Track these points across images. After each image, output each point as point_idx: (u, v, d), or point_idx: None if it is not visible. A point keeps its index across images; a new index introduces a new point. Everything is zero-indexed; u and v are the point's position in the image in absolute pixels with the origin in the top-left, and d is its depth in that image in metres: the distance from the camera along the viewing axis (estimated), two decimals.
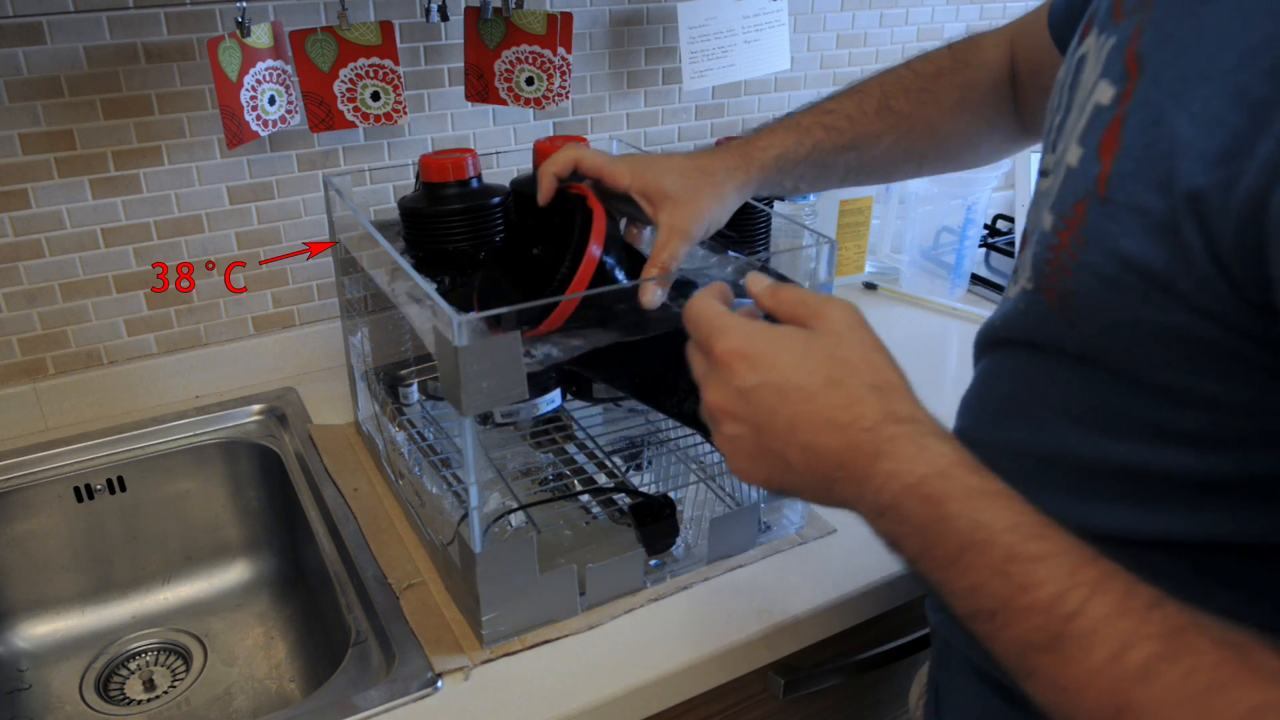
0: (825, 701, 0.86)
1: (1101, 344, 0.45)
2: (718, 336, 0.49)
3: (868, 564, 0.78)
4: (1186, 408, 0.43)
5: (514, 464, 0.88)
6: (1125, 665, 0.36)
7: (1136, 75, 0.41)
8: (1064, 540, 0.39)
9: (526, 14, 0.99)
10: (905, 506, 0.42)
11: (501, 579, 0.68)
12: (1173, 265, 0.39)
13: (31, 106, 0.88)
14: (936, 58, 0.75)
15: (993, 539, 0.40)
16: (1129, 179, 0.41)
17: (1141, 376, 0.44)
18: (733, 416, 0.48)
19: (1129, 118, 0.41)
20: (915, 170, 0.78)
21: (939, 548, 0.41)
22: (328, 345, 1.09)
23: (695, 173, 0.67)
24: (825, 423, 0.45)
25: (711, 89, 1.23)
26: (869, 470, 0.44)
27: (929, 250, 1.37)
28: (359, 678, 0.69)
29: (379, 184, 1.07)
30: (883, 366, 0.47)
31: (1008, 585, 0.39)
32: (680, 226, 0.65)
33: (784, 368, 0.47)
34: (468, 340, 0.59)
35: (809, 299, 0.50)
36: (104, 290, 0.98)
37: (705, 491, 0.85)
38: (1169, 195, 0.39)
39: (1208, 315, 0.39)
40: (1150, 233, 0.40)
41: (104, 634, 0.95)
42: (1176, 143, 0.38)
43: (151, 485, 0.96)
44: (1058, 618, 0.37)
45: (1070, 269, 0.45)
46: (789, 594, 0.75)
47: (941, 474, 0.42)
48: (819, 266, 0.73)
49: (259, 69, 0.90)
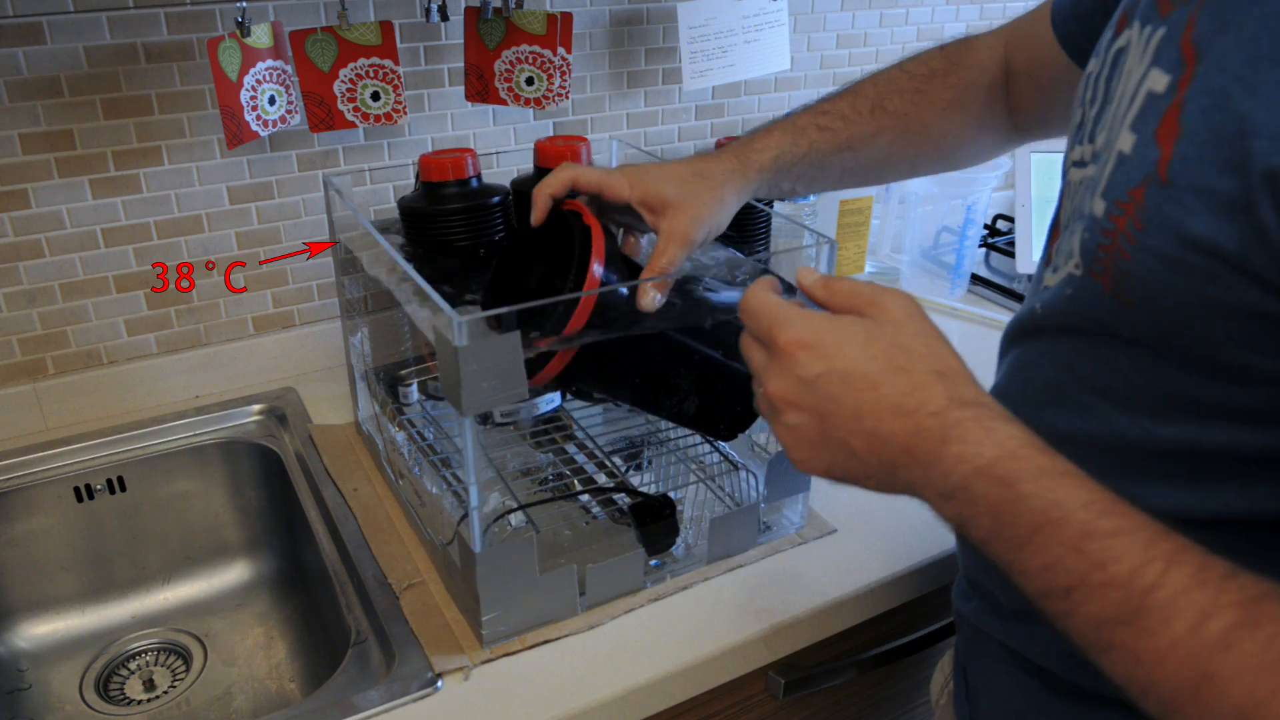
0: (825, 701, 0.86)
1: (1159, 325, 0.46)
2: (780, 327, 0.49)
3: (868, 564, 0.78)
4: (1244, 384, 0.44)
5: (514, 464, 0.88)
6: (1205, 635, 0.36)
7: (1194, 62, 0.42)
8: (1137, 516, 0.40)
9: (526, 14, 0.99)
10: (976, 489, 0.43)
11: (501, 579, 0.68)
12: (1245, 242, 0.40)
13: (31, 106, 0.88)
14: (929, 59, 0.75)
15: (1067, 517, 0.40)
16: (1194, 162, 0.41)
17: (1197, 356, 0.45)
18: (796, 406, 0.49)
19: (1189, 103, 0.42)
20: (909, 170, 0.78)
21: (1011, 528, 0.42)
22: (328, 345, 1.09)
23: (694, 178, 0.67)
24: (891, 409, 0.46)
25: (711, 89, 1.23)
26: (937, 454, 0.44)
27: (929, 250, 1.37)
28: (359, 678, 0.69)
29: (379, 184, 1.07)
30: (944, 353, 0.48)
31: (1084, 561, 0.40)
32: (680, 231, 0.65)
33: (848, 356, 0.47)
34: (468, 340, 0.59)
35: (863, 289, 0.51)
36: (104, 290, 0.98)
37: (705, 491, 0.85)
38: (1242, 175, 0.39)
39: (1278, 291, 0.40)
40: (1220, 212, 0.40)
41: (104, 634, 0.95)
42: (1247, 123, 0.39)
43: (151, 485, 0.96)
44: (1136, 591, 0.38)
45: (1128, 252, 0.45)
46: (789, 594, 0.75)
47: (1012, 455, 0.43)
48: (819, 267, 0.73)
49: (259, 69, 0.90)
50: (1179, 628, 0.37)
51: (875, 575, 0.77)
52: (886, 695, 0.91)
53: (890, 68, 0.76)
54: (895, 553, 0.79)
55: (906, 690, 0.92)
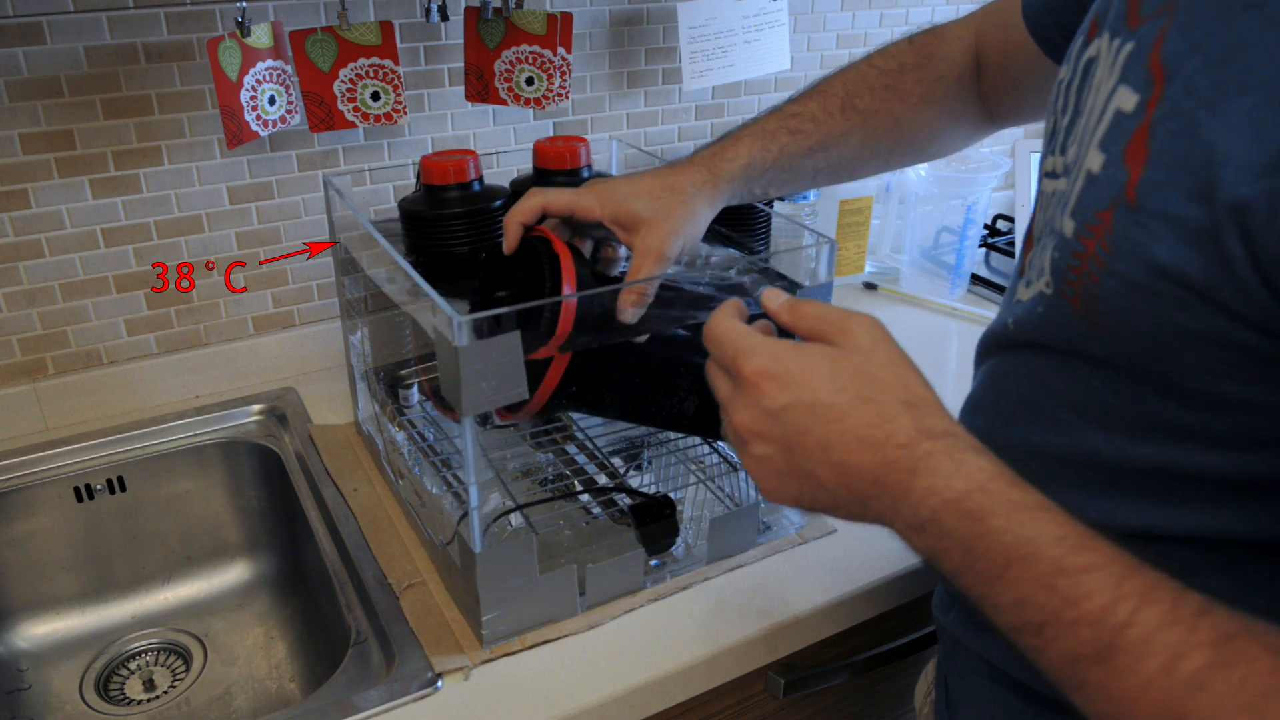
0: (826, 701, 0.86)
1: (1130, 350, 0.45)
2: (744, 357, 0.48)
3: (868, 564, 0.78)
4: (1217, 410, 0.43)
5: (514, 464, 0.88)
6: (1178, 675, 0.36)
7: (1163, 83, 0.41)
8: (1110, 551, 0.39)
9: (526, 14, 0.99)
10: (945, 522, 0.42)
11: (501, 579, 0.68)
12: (1211, 273, 0.39)
13: (31, 106, 0.88)
14: (898, 53, 0.75)
15: (1038, 552, 0.40)
16: (1161, 187, 0.41)
17: (1171, 380, 0.44)
18: (762, 437, 0.48)
19: (1157, 125, 0.41)
20: (883, 165, 0.77)
21: (982, 562, 0.41)
22: (328, 345, 1.09)
23: (665, 192, 0.67)
24: (859, 440, 0.45)
25: (711, 89, 1.23)
26: (906, 486, 0.44)
27: (929, 250, 1.37)
28: (359, 678, 0.69)
29: (379, 184, 1.07)
30: (913, 382, 0.47)
31: (1055, 598, 0.39)
32: (654, 248, 0.65)
33: (814, 387, 0.46)
34: (468, 340, 0.59)
35: (831, 314, 0.50)
36: (104, 290, 0.98)
37: (705, 491, 0.85)
38: (1209, 205, 0.39)
39: (1247, 322, 0.39)
40: (1186, 241, 0.40)
41: (104, 634, 0.95)
42: (1214, 152, 0.38)
43: (151, 485, 0.96)
44: (1108, 629, 0.37)
45: (1098, 276, 0.44)
46: (789, 594, 0.75)
47: (981, 489, 0.42)
48: (819, 266, 0.73)
49: (259, 69, 0.90)
50: (1151, 667, 0.36)
51: (875, 575, 0.77)
52: (886, 695, 0.91)
53: (859, 63, 0.75)
54: (895, 553, 0.79)
55: (906, 690, 0.92)
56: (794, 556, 0.80)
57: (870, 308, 1.26)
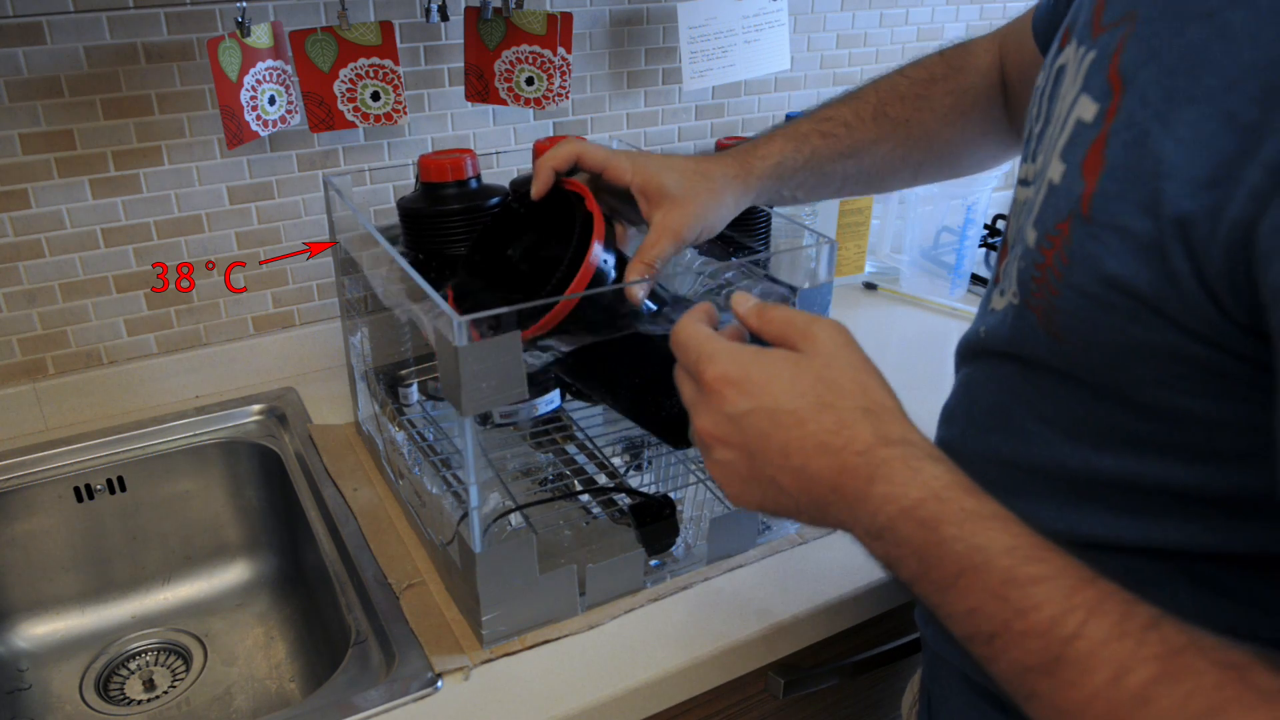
0: (825, 701, 0.86)
1: (1089, 361, 0.45)
2: (706, 363, 0.48)
3: (868, 564, 0.78)
4: (1174, 424, 0.43)
5: (514, 464, 0.88)
6: (1124, 689, 0.36)
7: (1120, 93, 0.41)
8: (1061, 561, 0.39)
9: (526, 14, 0.99)
10: (901, 530, 0.42)
11: (501, 579, 0.68)
12: (1160, 287, 0.39)
13: (31, 106, 0.88)
14: (929, 64, 0.75)
15: (990, 562, 0.40)
16: (1113, 199, 0.41)
17: (1129, 393, 0.44)
18: (724, 443, 0.48)
19: (1113, 136, 0.41)
20: (912, 178, 0.77)
21: (936, 571, 0.41)
22: (328, 345, 1.09)
23: (695, 175, 0.67)
24: (817, 447, 0.45)
25: (711, 89, 1.23)
26: (863, 494, 0.44)
27: (929, 250, 1.37)
28: (359, 678, 0.69)
29: (379, 184, 1.07)
30: (873, 388, 0.47)
31: (1006, 609, 0.39)
32: (673, 227, 0.65)
33: (774, 393, 0.46)
34: (468, 340, 0.59)
35: (796, 319, 0.50)
36: (104, 290, 0.98)
37: (705, 491, 0.85)
38: (1155, 218, 0.39)
39: (1196, 336, 0.39)
40: (1136, 254, 0.40)
41: (104, 634, 0.95)
42: (1162, 164, 0.38)
43: (151, 485, 0.96)
44: (1056, 640, 0.37)
45: (1056, 288, 0.44)
46: (789, 594, 0.75)
47: (936, 497, 0.42)
48: (819, 266, 0.73)
49: (259, 69, 0.90)
50: (1098, 680, 0.36)
51: (875, 575, 0.77)
52: (886, 695, 0.91)
53: (891, 73, 0.75)
54: None
55: (906, 691, 0.92)
56: (794, 556, 0.80)
57: (870, 308, 1.26)
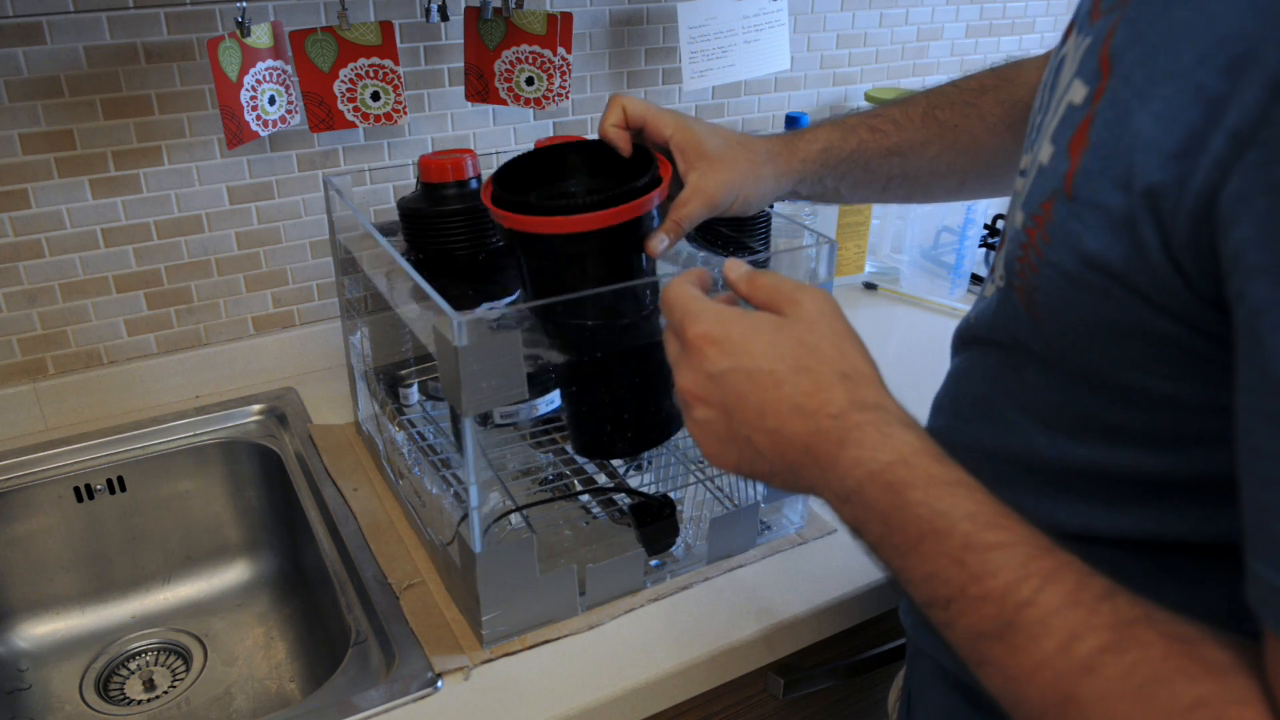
0: (825, 701, 0.86)
1: (1065, 342, 0.45)
2: (690, 321, 0.49)
3: (867, 564, 0.78)
4: (1142, 408, 0.43)
5: (514, 464, 0.88)
6: (1072, 656, 0.36)
7: (1108, 74, 0.42)
8: (1021, 530, 0.40)
9: (526, 14, 0.99)
10: (868, 493, 0.43)
11: (501, 579, 0.68)
12: (1131, 261, 0.39)
13: (31, 106, 0.88)
14: (980, 76, 0.75)
15: (951, 527, 0.40)
16: (1094, 176, 0.41)
17: (1102, 376, 0.44)
18: (703, 401, 0.48)
19: (1097, 117, 0.41)
20: (958, 187, 0.77)
21: (899, 534, 0.42)
22: (328, 345, 1.09)
23: (737, 143, 0.67)
24: (792, 409, 0.46)
25: (711, 89, 1.23)
26: (835, 457, 0.44)
27: (929, 250, 1.37)
28: (359, 678, 0.69)
29: (379, 184, 1.07)
30: (852, 355, 0.48)
31: (963, 573, 0.40)
32: (707, 189, 0.65)
33: (754, 353, 0.47)
34: (468, 340, 0.59)
35: (784, 286, 0.50)
36: (104, 290, 0.98)
37: (705, 491, 0.85)
38: (1128, 192, 0.39)
39: (1165, 311, 0.39)
40: (1111, 230, 0.40)
41: (104, 634, 0.95)
42: (1137, 139, 0.39)
43: (151, 485, 0.96)
44: (1010, 606, 0.38)
45: (1037, 266, 0.45)
46: (789, 594, 0.75)
47: (904, 461, 0.43)
48: (819, 266, 0.73)
49: (259, 69, 0.90)
50: (1048, 647, 0.37)
51: (875, 575, 0.77)
52: (886, 696, 0.91)
53: (943, 84, 0.76)
54: None
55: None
56: (794, 556, 0.80)
57: (870, 308, 1.26)
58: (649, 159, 0.67)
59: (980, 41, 1.44)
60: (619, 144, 0.67)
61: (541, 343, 0.66)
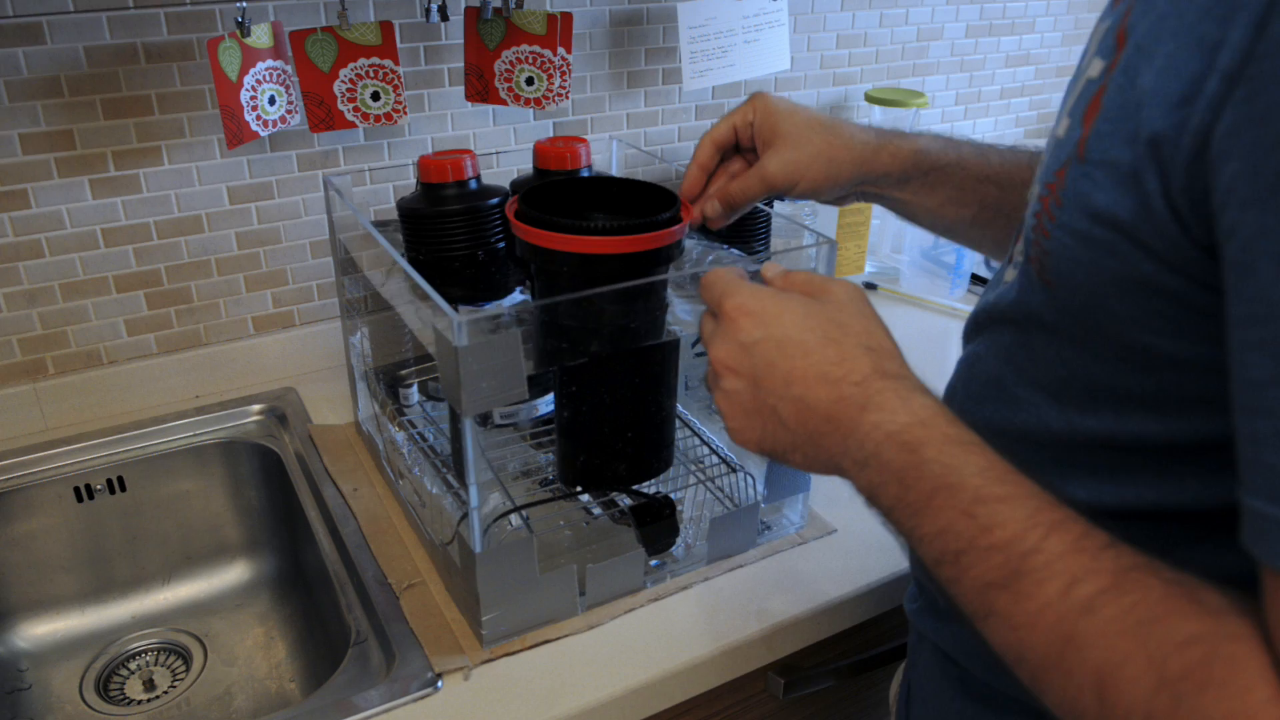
0: (825, 701, 0.86)
1: (1073, 305, 0.46)
2: (728, 295, 0.52)
3: (867, 564, 0.78)
4: (1147, 371, 0.44)
5: (514, 464, 0.88)
6: (1073, 598, 0.37)
7: (1123, 47, 0.42)
8: (1029, 485, 0.42)
9: (526, 14, 0.99)
10: (885, 455, 0.45)
11: (501, 579, 0.68)
12: (1136, 213, 0.40)
13: (31, 106, 0.88)
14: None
15: (963, 482, 0.42)
16: (1105, 137, 0.42)
17: (1109, 339, 0.45)
18: (734, 371, 0.51)
19: (1111, 84, 0.42)
20: None
21: (913, 492, 0.44)
22: (328, 345, 1.09)
23: (819, 126, 0.67)
24: (819, 376, 0.48)
25: (711, 89, 1.23)
26: (856, 421, 0.47)
27: (929, 250, 1.37)
28: (359, 678, 0.69)
29: (379, 184, 1.07)
30: (878, 332, 0.51)
31: (973, 525, 0.41)
32: (766, 168, 0.65)
33: (785, 324, 0.50)
34: (468, 340, 0.59)
35: (816, 278, 0.54)
36: (104, 290, 0.98)
37: (705, 491, 0.85)
38: (1135, 145, 0.40)
39: (1165, 264, 0.40)
40: (1119, 185, 0.41)
41: (104, 634, 0.95)
42: (1144, 95, 0.39)
43: (151, 485, 0.96)
44: (1016, 555, 0.39)
45: (1048, 230, 0.46)
46: (789, 594, 0.75)
47: (921, 423, 0.45)
48: (819, 266, 0.73)
49: (259, 69, 0.90)
50: (1050, 591, 0.38)
51: (875, 575, 0.77)
52: (886, 695, 0.91)
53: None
54: (895, 553, 0.79)
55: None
56: (794, 557, 0.80)
57: None
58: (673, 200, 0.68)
59: (980, 41, 1.44)
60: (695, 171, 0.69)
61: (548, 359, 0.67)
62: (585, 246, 0.63)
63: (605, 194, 0.72)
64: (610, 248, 0.63)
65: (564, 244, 0.63)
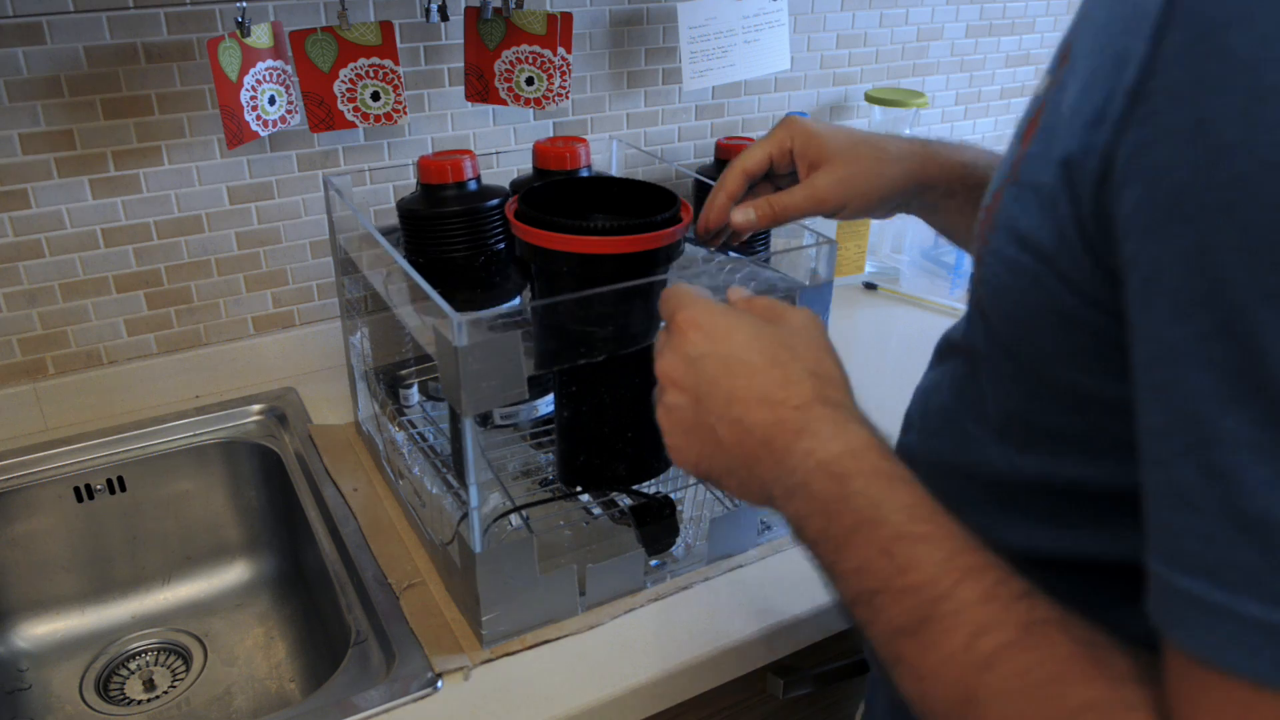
0: (825, 702, 0.86)
1: (1005, 336, 0.44)
2: (681, 309, 0.51)
3: None
4: (1077, 410, 0.42)
5: (514, 464, 0.88)
6: (975, 652, 0.36)
7: (1065, 63, 0.40)
8: (952, 526, 0.39)
9: (526, 14, 0.99)
10: (814, 484, 0.43)
11: (501, 579, 0.68)
12: (1053, 239, 0.38)
13: (31, 106, 0.88)
14: None
15: (885, 518, 0.40)
16: (1035, 159, 0.40)
17: (1039, 375, 0.43)
18: (677, 385, 0.49)
19: (1049, 101, 0.40)
20: None
21: (835, 525, 0.42)
22: (328, 345, 1.09)
23: (862, 142, 0.65)
24: (760, 398, 0.46)
25: (711, 89, 1.23)
26: (790, 447, 0.45)
27: (929, 250, 1.37)
28: (359, 678, 0.69)
29: (379, 184, 1.07)
30: (826, 361, 0.49)
31: (890, 565, 0.39)
32: (817, 186, 0.64)
33: (733, 343, 0.48)
34: (468, 340, 0.59)
35: (778, 305, 0.52)
36: (104, 290, 0.98)
37: (705, 491, 0.85)
38: (1053, 167, 0.38)
39: (1083, 296, 0.38)
40: (1041, 209, 0.39)
41: (104, 634, 0.95)
42: (1066, 113, 0.37)
43: (151, 485, 0.96)
44: (927, 600, 0.37)
45: (981, 255, 0.44)
46: (789, 594, 0.75)
47: (852, 453, 0.43)
48: (819, 266, 0.73)
49: (259, 69, 0.90)
50: (955, 642, 0.36)
51: None
52: None
53: None
54: None
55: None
56: (794, 556, 0.80)
57: (870, 308, 1.26)
58: (673, 200, 0.67)
59: (980, 41, 1.44)
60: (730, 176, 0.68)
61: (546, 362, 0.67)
62: (585, 246, 0.63)
63: (605, 194, 0.72)
64: (610, 248, 0.63)
65: (564, 244, 0.63)
